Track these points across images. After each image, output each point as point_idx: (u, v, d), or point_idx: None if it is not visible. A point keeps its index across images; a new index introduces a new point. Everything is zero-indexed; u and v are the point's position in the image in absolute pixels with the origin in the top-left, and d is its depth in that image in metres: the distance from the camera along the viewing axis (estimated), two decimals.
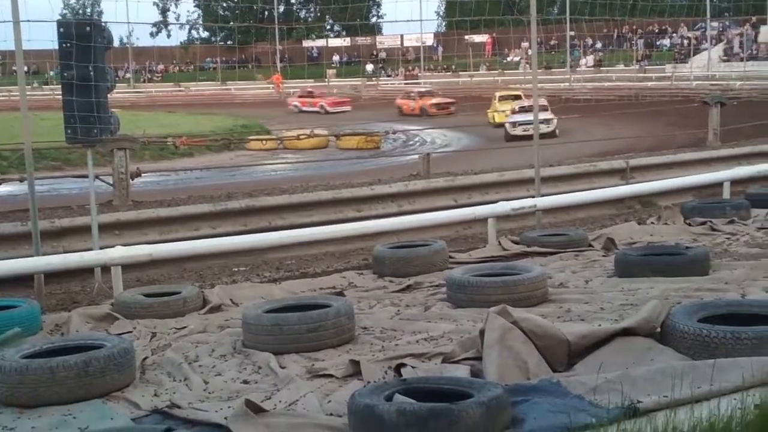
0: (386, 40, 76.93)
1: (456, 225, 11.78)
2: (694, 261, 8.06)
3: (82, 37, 8.74)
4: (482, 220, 11.09)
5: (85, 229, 9.99)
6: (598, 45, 62.62)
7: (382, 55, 74.85)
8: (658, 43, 61.10)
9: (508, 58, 65.58)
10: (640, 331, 5.21)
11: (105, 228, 10.26)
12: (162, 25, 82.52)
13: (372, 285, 8.83)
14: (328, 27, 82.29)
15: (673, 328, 5.12)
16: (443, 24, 79.66)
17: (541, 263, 8.88)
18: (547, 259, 9.48)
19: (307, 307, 6.42)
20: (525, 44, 56.20)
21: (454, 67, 64.71)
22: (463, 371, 5.00)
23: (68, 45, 8.78)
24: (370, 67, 70.10)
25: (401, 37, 74.11)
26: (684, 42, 58.06)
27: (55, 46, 8.98)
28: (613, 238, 10.08)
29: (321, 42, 78.39)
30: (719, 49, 52.62)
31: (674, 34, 60.53)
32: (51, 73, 56.85)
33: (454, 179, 13.63)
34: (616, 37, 60.85)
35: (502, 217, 11.22)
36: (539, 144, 12.49)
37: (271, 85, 62.39)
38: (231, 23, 75.48)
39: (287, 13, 79.65)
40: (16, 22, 9.05)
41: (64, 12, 76.95)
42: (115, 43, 10.89)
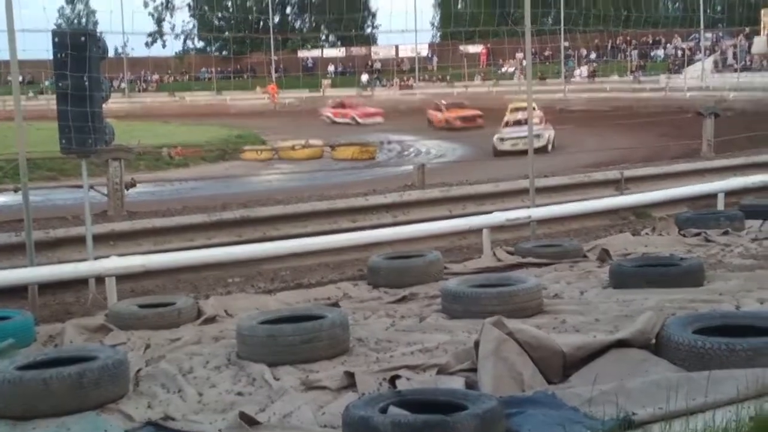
0: (381, 51, 77.00)
1: (451, 235, 11.79)
2: (688, 272, 8.07)
3: (77, 47, 8.76)
4: (477, 231, 11.11)
5: (80, 240, 9.98)
6: (593, 56, 62.81)
7: (377, 65, 74.90)
8: (652, 54, 61.29)
9: (503, 69, 65.63)
10: (635, 343, 5.21)
11: (100, 238, 10.25)
12: (157, 35, 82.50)
13: (367, 296, 8.82)
14: (323, 37, 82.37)
15: (668, 339, 5.12)
16: (438, 34, 79.85)
17: (535, 274, 8.90)
18: (542, 270, 9.48)
19: (302, 319, 6.41)
20: (519, 55, 56.42)
21: (449, 78, 64.79)
22: (458, 383, 4.99)
23: (63, 55, 8.79)
24: (365, 78, 70.10)
25: (396, 47, 74.19)
26: (678, 53, 58.24)
27: (50, 55, 9.00)
28: (608, 249, 10.09)
29: (316, 52, 78.38)
30: (711, 60, 52.74)
31: (668, 45, 60.74)
32: (46, 83, 56.84)
33: (449, 190, 13.65)
34: (610, 47, 61.08)
35: (497, 228, 11.25)
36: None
37: (266, 96, 62.33)
38: (226, 33, 75.59)
39: (282, 24, 79.61)
40: (11, 32, 9.06)
41: (59, 22, 76.88)
42: (110, 53, 10.92)
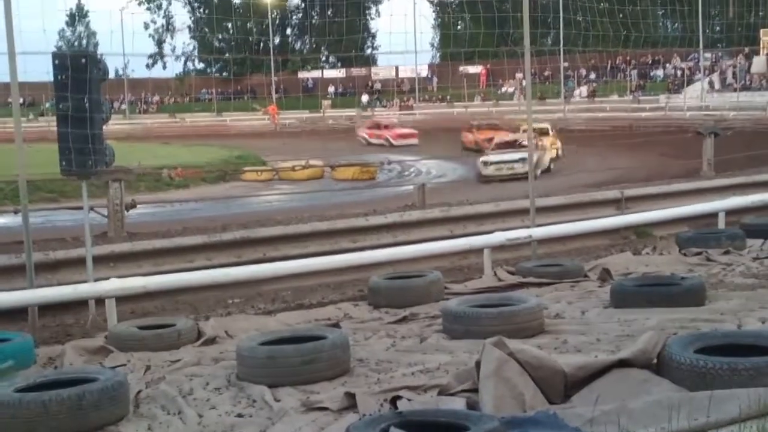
0: (381, 71, 77.39)
1: (452, 255, 11.77)
2: (689, 291, 8.04)
3: (78, 69, 8.78)
4: (478, 251, 11.10)
5: (80, 262, 9.96)
6: (592, 76, 63.04)
7: (377, 86, 75.19)
8: (652, 74, 61.55)
9: (503, 89, 65.90)
10: (637, 363, 5.18)
11: (99, 260, 10.23)
12: (158, 57, 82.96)
13: (367, 316, 8.80)
14: (324, 58, 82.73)
15: (670, 359, 5.09)
16: (438, 55, 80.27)
17: (536, 294, 8.87)
18: (543, 290, 9.46)
19: (302, 339, 6.38)
20: (519, 75, 56.65)
21: (448, 98, 65.01)
22: (459, 403, 4.97)
23: (64, 77, 8.81)
24: (365, 98, 70.35)
25: (396, 68, 74.57)
26: (677, 73, 58.45)
27: (51, 77, 9.02)
28: (609, 269, 10.07)
29: (316, 73, 78.74)
30: (707, 81, 52.93)
31: (667, 65, 60.97)
32: (47, 105, 56.99)
33: (450, 210, 13.64)
34: (609, 68, 61.31)
35: (498, 248, 11.23)
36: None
37: (267, 117, 62.47)
38: (227, 55, 75.93)
39: (282, 45, 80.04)
40: (12, 54, 9.08)
41: (59, 44, 77.24)
42: (111, 75, 10.94)
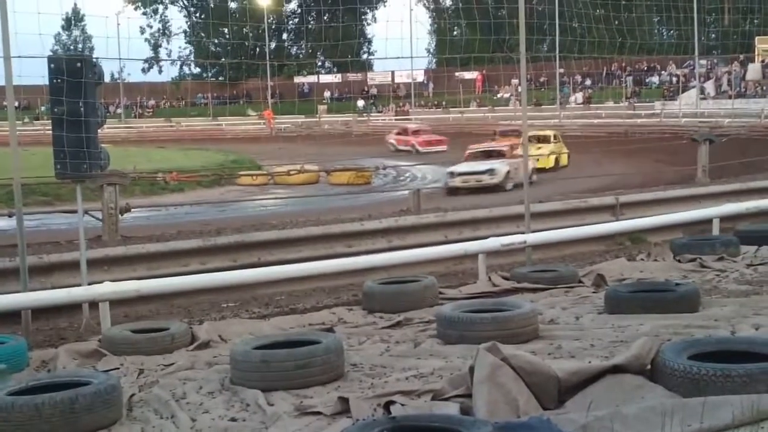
0: (377, 77, 77.46)
1: (446, 261, 11.76)
2: (684, 298, 8.06)
3: (73, 72, 8.76)
4: (472, 256, 11.11)
5: (74, 265, 9.94)
6: (588, 82, 63.13)
7: (373, 91, 75.25)
8: (647, 81, 61.63)
9: (499, 95, 65.99)
10: (631, 369, 5.19)
11: (94, 263, 10.20)
12: (153, 61, 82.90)
13: (362, 321, 8.80)
14: (319, 63, 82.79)
15: (664, 365, 5.10)
16: (434, 61, 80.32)
17: (531, 299, 8.88)
18: (538, 296, 9.48)
19: (296, 344, 6.38)
20: (515, 81, 56.68)
21: (444, 104, 65.07)
22: (452, 409, 4.97)
23: (59, 81, 8.79)
24: (361, 103, 70.39)
25: (392, 73, 74.59)
26: (673, 79, 58.57)
27: (46, 81, 9.01)
28: (603, 275, 10.08)
29: (312, 78, 78.81)
30: (704, 87, 53.07)
31: (663, 72, 61.09)
32: (42, 109, 56.91)
33: (445, 215, 13.64)
34: (605, 74, 61.40)
35: (493, 253, 11.23)
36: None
37: (263, 121, 62.51)
38: (222, 59, 75.91)
39: (278, 50, 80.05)
40: (8, 58, 9.06)
41: (55, 48, 77.09)
42: (106, 79, 10.93)
